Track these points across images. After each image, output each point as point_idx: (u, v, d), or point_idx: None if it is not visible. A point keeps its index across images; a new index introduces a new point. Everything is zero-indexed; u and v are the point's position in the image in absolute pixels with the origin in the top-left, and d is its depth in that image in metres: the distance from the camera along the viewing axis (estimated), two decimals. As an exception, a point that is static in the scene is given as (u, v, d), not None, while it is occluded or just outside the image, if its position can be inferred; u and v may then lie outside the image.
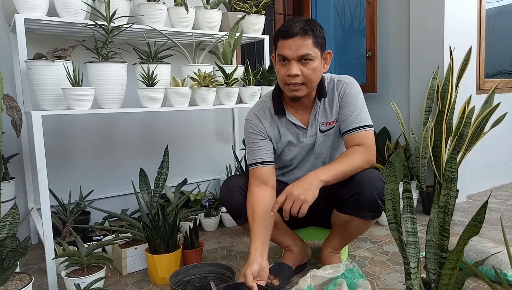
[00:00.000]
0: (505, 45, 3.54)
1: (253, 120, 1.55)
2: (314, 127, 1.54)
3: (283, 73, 1.41)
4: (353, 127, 1.47)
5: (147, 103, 1.81)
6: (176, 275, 1.44)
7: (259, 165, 1.50)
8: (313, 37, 1.36)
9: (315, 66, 1.39)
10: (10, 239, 1.35)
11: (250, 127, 1.55)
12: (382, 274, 1.66)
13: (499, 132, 2.94)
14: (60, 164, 2.19)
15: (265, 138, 1.54)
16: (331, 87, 1.53)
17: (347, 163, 1.38)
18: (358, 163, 1.40)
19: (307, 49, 1.35)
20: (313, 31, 1.36)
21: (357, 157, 1.40)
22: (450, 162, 0.98)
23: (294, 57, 1.36)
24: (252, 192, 1.47)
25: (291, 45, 1.35)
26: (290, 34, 1.35)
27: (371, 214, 1.44)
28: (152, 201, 1.83)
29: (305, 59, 1.37)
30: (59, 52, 1.63)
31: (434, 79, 2.50)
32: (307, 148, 1.57)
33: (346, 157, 1.41)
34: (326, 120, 1.54)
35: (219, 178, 2.77)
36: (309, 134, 1.55)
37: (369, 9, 2.90)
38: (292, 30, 1.34)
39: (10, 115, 1.55)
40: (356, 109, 1.48)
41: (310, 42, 1.35)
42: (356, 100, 1.50)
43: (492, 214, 2.48)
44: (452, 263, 0.95)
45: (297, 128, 1.54)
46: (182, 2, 2.10)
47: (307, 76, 1.39)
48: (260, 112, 1.56)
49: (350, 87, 1.52)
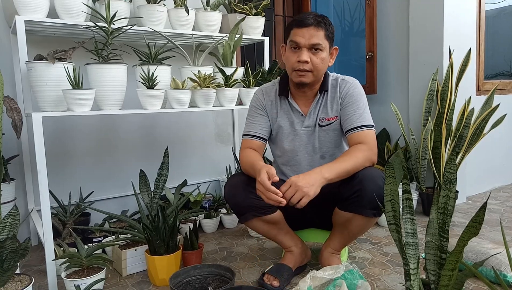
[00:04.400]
0: (504, 46, 3.54)
1: (258, 94, 1.68)
2: (312, 119, 1.60)
3: (293, 59, 1.50)
4: (356, 126, 1.52)
5: (147, 105, 1.81)
6: (176, 276, 1.44)
7: (252, 138, 1.63)
8: (325, 30, 1.47)
9: (324, 57, 1.49)
10: (10, 240, 1.36)
11: (254, 101, 1.68)
12: (382, 275, 1.66)
13: (499, 133, 2.94)
14: (60, 166, 2.19)
15: (264, 114, 1.65)
16: (334, 85, 1.60)
17: (349, 162, 1.42)
18: (360, 161, 1.43)
19: (318, 39, 1.46)
20: (325, 24, 1.48)
21: (359, 155, 1.44)
22: (449, 163, 0.98)
23: (306, 44, 1.46)
24: (244, 151, 1.59)
25: (304, 34, 1.45)
26: (304, 24, 1.45)
27: (372, 211, 1.45)
28: (152, 203, 1.83)
29: (316, 49, 1.47)
30: (59, 54, 1.63)
31: (434, 81, 2.51)
32: (304, 140, 1.62)
33: (349, 155, 1.44)
34: (326, 115, 1.59)
35: (219, 179, 2.77)
36: (306, 124, 1.60)
37: (369, 11, 2.91)
38: (307, 20, 1.45)
39: (11, 116, 1.55)
40: (358, 109, 1.54)
41: (322, 33, 1.46)
42: (359, 100, 1.55)
43: (491, 215, 2.48)
44: (451, 264, 0.95)
45: (295, 114, 1.61)
46: (182, 4, 2.10)
47: (315, 64, 1.48)
48: (267, 89, 1.68)
49: (353, 87, 1.58)
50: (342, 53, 3.58)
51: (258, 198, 1.52)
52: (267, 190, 1.32)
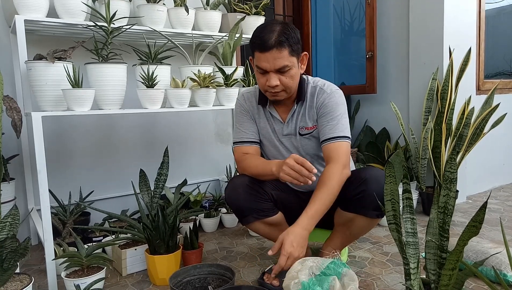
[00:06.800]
0: (504, 45, 3.54)
1: (240, 100, 1.66)
2: (291, 127, 1.58)
3: (262, 81, 1.45)
4: (328, 137, 1.48)
5: (147, 104, 1.81)
6: (176, 276, 1.44)
7: (246, 144, 1.60)
8: (289, 47, 1.37)
9: (293, 74, 1.43)
10: (10, 240, 1.35)
11: (238, 107, 1.66)
12: (382, 274, 1.66)
13: (499, 133, 2.94)
14: (60, 165, 2.19)
15: (251, 119, 1.63)
16: (313, 93, 1.55)
17: (327, 198, 1.38)
18: (336, 190, 1.40)
19: (284, 61, 1.38)
20: (288, 40, 1.36)
21: (334, 184, 1.39)
22: (449, 162, 0.98)
23: (272, 69, 1.39)
24: (246, 157, 1.57)
25: (268, 58, 1.37)
26: (266, 47, 1.35)
27: (375, 212, 1.45)
28: (152, 202, 1.83)
29: (283, 71, 1.40)
30: (59, 53, 1.63)
31: (434, 80, 2.50)
32: (289, 147, 1.61)
33: (325, 188, 1.38)
34: (306, 124, 1.57)
35: (219, 179, 2.77)
36: (286, 132, 1.59)
37: (369, 10, 2.90)
38: (268, 42, 1.35)
39: (10, 116, 1.55)
40: (332, 120, 1.49)
41: (286, 53, 1.37)
42: (334, 110, 1.50)
43: (491, 214, 2.48)
44: (451, 263, 0.95)
45: (275, 122, 1.60)
46: (182, 3, 2.10)
47: (285, 84, 1.43)
48: (248, 95, 1.66)
49: (329, 97, 1.52)
50: (342, 53, 3.58)
51: (260, 200, 1.52)
52: (302, 163, 1.30)
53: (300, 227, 1.34)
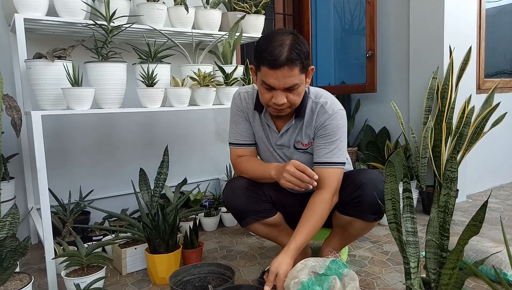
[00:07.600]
0: (504, 44, 3.54)
1: (236, 99, 1.59)
2: (286, 139, 1.51)
3: (267, 97, 1.35)
4: (323, 161, 1.42)
5: (147, 103, 1.81)
6: (176, 275, 1.44)
7: (242, 146, 1.58)
8: (300, 63, 1.27)
9: (301, 91, 1.35)
10: (10, 239, 1.35)
11: (234, 106, 1.60)
12: (382, 273, 1.66)
13: (499, 132, 2.93)
14: (60, 164, 2.19)
15: (246, 120, 1.57)
16: (313, 109, 1.45)
17: (315, 225, 1.36)
18: (325, 216, 1.39)
19: (294, 79, 1.28)
20: (299, 56, 1.26)
21: (323, 211, 1.38)
22: (450, 161, 0.98)
23: (280, 87, 1.30)
24: (242, 159, 1.56)
25: (278, 76, 1.27)
26: (276, 65, 1.25)
27: (373, 216, 1.45)
28: (152, 201, 1.83)
29: (292, 88, 1.31)
30: (58, 52, 1.63)
31: (434, 79, 2.50)
32: (283, 156, 1.55)
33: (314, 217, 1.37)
34: (302, 140, 1.50)
35: (219, 178, 2.77)
36: (280, 143, 1.52)
37: (369, 9, 2.90)
38: (279, 60, 1.24)
39: (10, 115, 1.55)
40: (331, 144, 1.42)
41: (297, 71, 1.27)
42: (334, 134, 1.42)
43: (492, 213, 2.48)
44: (452, 262, 0.95)
45: (270, 130, 1.53)
46: (182, 2, 2.10)
47: (292, 101, 1.35)
48: (246, 95, 1.57)
49: (331, 119, 1.42)
50: (342, 52, 3.57)
51: (258, 201, 1.52)
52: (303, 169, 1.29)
53: (290, 257, 1.30)
